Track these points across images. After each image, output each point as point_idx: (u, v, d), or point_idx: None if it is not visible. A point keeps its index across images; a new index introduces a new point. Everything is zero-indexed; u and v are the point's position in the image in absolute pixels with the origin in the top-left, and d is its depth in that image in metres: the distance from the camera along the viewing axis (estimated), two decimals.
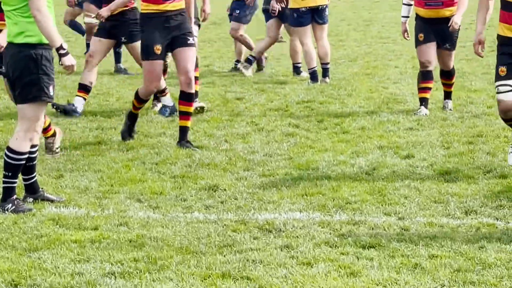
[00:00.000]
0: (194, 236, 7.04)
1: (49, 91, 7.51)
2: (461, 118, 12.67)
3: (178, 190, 8.91)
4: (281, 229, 7.27)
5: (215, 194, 8.52)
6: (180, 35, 10.58)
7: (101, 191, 8.72)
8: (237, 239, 7.01)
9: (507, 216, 7.36)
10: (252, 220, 7.69)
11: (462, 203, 8.32)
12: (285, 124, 12.05)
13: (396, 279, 5.53)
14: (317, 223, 7.44)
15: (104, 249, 6.30)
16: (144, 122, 12.31)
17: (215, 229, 7.31)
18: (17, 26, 7.41)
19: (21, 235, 6.74)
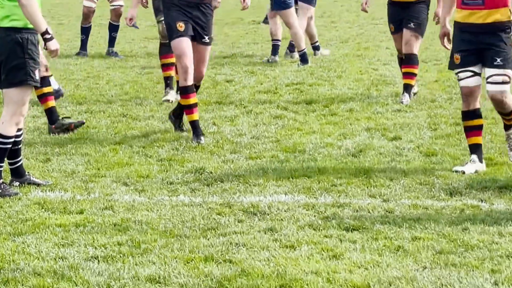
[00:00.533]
0: (178, 220, 7.13)
1: (35, 75, 7.61)
2: (450, 100, 12.80)
3: (164, 173, 9.01)
4: (266, 212, 7.36)
5: (201, 177, 8.60)
6: (199, 30, 10.55)
7: (88, 175, 8.82)
8: (221, 222, 7.11)
9: (491, 198, 7.47)
10: (237, 203, 7.79)
11: (447, 185, 8.43)
12: (273, 107, 12.18)
13: (378, 262, 5.61)
14: (302, 205, 7.53)
15: (88, 233, 6.38)
16: (133, 105, 12.45)
17: (200, 212, 7.40)
18: (3, 10, 7.46)
19: (6, 219, 6.84)
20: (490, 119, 11.08)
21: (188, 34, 10.30)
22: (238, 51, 18.92)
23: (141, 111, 12.04)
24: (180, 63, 10.59)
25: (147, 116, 11.87)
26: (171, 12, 10.46)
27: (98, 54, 17.42)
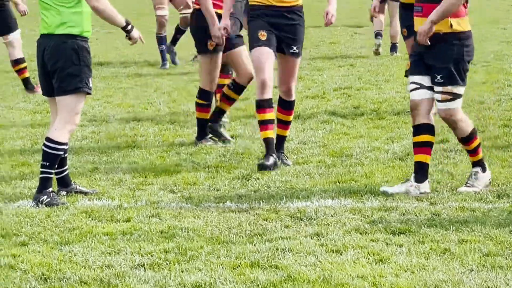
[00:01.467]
0: (225, 226, 7.21)
1: (89, 83, 7.79)
2: (498, 102, 12.77)
3: (211, 180, 9.08)
4: (312, 217, 7.43)
5: (248, 183, 8.69)
6: (286, 40, 9.93)
7: (135, 183, 8.97)
8: (268, 228, 7.18)
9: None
10: (284, 209, 7.85)
11: (495, 186, 8.41)
12: (321, 112, 12.26)
13: (424, 265, 5.61)
14: (349, 210, 7.61)
15: (135, 241, 6.49)
16: (180, 112, 12.69)
17: (246, 218, 7.47)
18: (59, 16, 7.62)
19: (53, 229, 6.98)
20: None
21: (271, 44, 9.70)
22: None
23: (189, 119, 12.25)
24: (257, 76, 10.15)
25: (194, 123, 11.76)
26: (254, 22, 9.97)
27: (146, 63, 17.56)
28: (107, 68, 15.45)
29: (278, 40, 9.64)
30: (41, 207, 7.65)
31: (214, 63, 10.64)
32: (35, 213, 7.54)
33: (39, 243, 6.49)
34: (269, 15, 9.60)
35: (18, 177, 9.72)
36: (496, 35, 15.52)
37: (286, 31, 9.70)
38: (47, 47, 7.85)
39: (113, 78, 15.66)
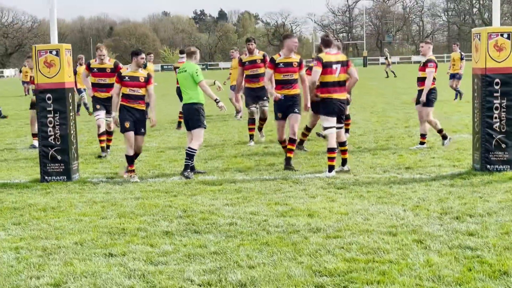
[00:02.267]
0: (263, 187, 11.66)
1: (205, 124, 13.35)
2: None
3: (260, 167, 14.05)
4: (302, 182, 12.02)
5: (275, 169, 13.47)
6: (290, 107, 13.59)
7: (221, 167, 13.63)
8: (282, 187, 11.73)
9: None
10: (290, 179, 12.62)
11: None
12: None
13: (353, 202, 9.94)
14: (319, 178, 12.31)
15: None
16: None
17: (272, 183, 11.98)
18: (188, 94, 13.24)
19: (193, 184, 11.67)
20: None
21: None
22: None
23: None
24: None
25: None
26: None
27: None
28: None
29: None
30: (185, 179, 12.44)
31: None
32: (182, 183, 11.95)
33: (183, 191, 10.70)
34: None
35: (171, 168, 14.24)
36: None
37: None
38: (186, 110, 13.45)
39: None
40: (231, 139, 19.07)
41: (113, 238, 8.41)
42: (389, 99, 33.46)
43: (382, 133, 19.21)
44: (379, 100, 33.68)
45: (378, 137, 18.16)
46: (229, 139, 19.08)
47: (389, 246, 7.62)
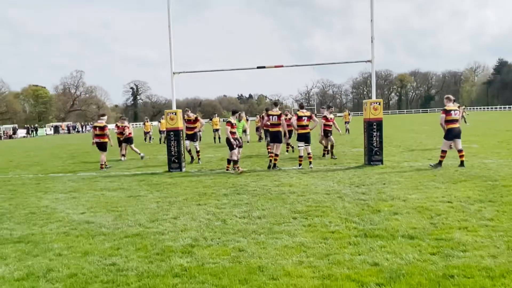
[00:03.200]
0: (269, 174, 11.45)
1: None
2: None
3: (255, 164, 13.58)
4: (301, 171, 11.93)
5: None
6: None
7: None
8: (280, 173, 11.24)
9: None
10: (288, 170, 12.19)
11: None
12: None
13: (330, 176, 10.08)
14: (300, 169, 12.23)
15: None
16: None
17: (274, 172, 11.65)
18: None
19: (231, 176, 11.93)
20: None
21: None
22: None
23: None
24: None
25: None
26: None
27: None
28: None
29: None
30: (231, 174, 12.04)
31: None
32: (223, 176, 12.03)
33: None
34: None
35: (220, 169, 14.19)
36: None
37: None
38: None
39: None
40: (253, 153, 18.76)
41: (200, 196, 8.49)
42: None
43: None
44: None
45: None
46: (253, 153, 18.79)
47: (326, 199, 7.70)
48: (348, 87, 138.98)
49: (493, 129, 25.81)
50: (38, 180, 12.15)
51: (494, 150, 14.12)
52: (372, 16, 12.12)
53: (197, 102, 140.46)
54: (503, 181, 8.50)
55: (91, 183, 10.95)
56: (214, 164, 14.30)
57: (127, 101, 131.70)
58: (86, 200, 8.64)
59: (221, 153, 18.42)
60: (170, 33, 12.94)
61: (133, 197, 8.68)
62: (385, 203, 7.02)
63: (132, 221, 6.63)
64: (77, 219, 6.95)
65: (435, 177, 9.49)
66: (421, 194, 7.64)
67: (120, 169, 14.10)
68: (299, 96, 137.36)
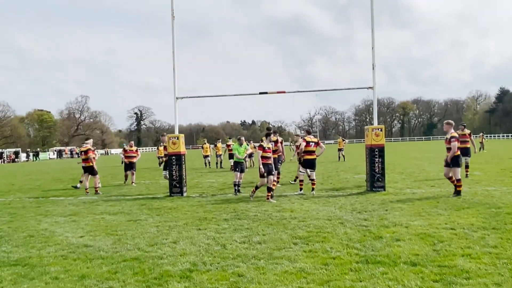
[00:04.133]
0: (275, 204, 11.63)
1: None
2: None
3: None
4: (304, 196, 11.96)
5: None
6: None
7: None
8: (283, 197, 11.27)
9: None
10: (288, 195, 12.26)
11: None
12: None
13: (328, 203, 10.31)
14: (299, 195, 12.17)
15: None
16: None
17: (277, 194, 11.87)
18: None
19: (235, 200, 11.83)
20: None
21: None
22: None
23: None
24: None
25: None
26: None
27: None
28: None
29: None
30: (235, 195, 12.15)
31: None
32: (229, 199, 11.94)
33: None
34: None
35: (230, 190, 14.15)
36: None
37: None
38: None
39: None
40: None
41: (200, 221, 8.44)
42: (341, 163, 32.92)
43: (335, 177, 18.80)
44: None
45: (332, 178, 17.77)
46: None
47: (327, 225, 7.62)
48: (350, 114, 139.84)
49: (496, 157, 25.70)
50: (38, 203, 12.13)
51: (498, 178, 14.02)
52: (373, 44, 12.30)
53: (200, 127, 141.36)
54: (506, 209, 8.42)
55: (92, 207, 10.90)
56: (216, 189, 14.20)
57: (131, 126, 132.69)
58: (85, 223, 8.58)
59: (223, 178, 18.36)
60: (174, 59, 13.14)
61: (133, 221, 8.62)
62: (387, 229, 6.94)
63: (131, 245, 6.56)
64: (76, 242, 6.89)
65: (438, 203, 9.41)
66: (423, 221, 7.56)
67: (122, 193, 14.03)
68: (302, 122, 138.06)
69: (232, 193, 12.37)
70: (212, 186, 14.99)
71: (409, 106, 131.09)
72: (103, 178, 20.57)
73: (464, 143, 14.22)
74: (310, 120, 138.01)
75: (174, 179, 12.92)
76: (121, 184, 17.16)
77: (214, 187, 14.86)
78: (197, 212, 9.39)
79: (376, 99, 12.55)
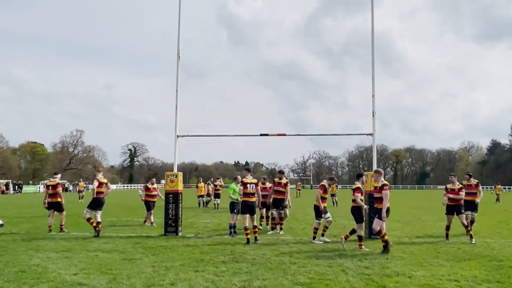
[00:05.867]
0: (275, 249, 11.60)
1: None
2: None
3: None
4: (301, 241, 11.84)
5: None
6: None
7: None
8: (282, 240, 11.27)
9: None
10: (287, 241, 12.08)
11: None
12: None
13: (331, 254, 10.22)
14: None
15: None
16: None
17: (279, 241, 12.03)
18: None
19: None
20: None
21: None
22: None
23: None
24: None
25: None
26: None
27: None
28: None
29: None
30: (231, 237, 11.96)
31: None
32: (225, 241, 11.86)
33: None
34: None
35: (226, 231, 13.97)
36: None
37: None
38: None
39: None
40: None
41: (197, 262, 8.29)
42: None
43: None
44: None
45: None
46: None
47: (328, 271, 7.48)
48: (344, 160, 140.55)
49: (491, 209, 25.71)
50: (29, 237, 11.82)
51: (495, 230, 13.98)
52: (373, 92, 12.55)
53: (193, 166, 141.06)
54: (508, 262, 8.34)
55: (84, 243, 10.65)
56: (211, 230, 14.00)
57: (124, 162, 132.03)
58: (79, 260, 8.35)
59: (218, 219, 18.14)
60: (177, 98, 13.30)
61: (128, 260, 8.42)
62: (390, 279, 6.80)
63: (127, 285, 6.37)
64: (69, 280, 6.67)
65: (439, 254, 9.31)
66: (426, 271, 7.44)
67: (115, 230, 13.78)
68: (296, 166, 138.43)
69: (228, 235, 12.16)
70: (207, 227, 14.77)
71: (402, 154, 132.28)
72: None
73: (470, 195, 12.45)
74: (304, 164, 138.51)
75: (169, 218, 12.74)
76: (113, 221, 16.84)
77: (209, 227, 14.64)
78: (194, 253, 9.21)
79: (375, 145, 12.65)
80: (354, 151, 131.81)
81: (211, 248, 10.04)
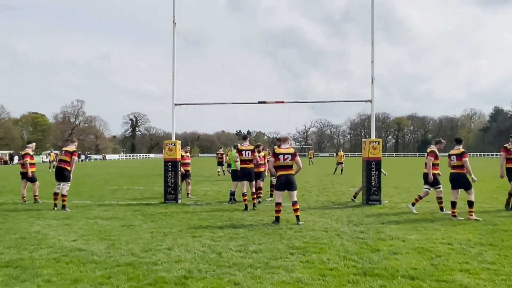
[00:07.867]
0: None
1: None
2: None
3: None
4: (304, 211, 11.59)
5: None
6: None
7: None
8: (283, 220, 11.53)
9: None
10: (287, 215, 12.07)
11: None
12: None
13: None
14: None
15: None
16: None
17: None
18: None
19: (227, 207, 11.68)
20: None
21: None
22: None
23: None
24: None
25: None
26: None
27: None
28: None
29: None
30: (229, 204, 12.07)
31: None
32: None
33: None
34: None
35: (225, 197, 13.93)
36: None
37: None
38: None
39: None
40: None
41: (195, 228, 8.36)
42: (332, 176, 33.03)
43: (331, 189, 18.83)
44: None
45: (327, 190, 17.76)
46: None
47: (323, 236, 7.57)
48: (345, 128, 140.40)
49: (490, 175, 25.80)
50: (30, 205, 11.94)
51: (493, 195, 14.06)
52: (372, 57, 12.38)
53: (195, 136, 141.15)
54: (503, 226, 8.42)
55: (85, 211, 10.79)
56: (211, 197, 14.13)
57: (126, 132, 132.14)
58: (78, 227, 8.48)
59: (217, 186, 18.27)
60: (173, 65, 13.14)
61: (127, 226, 8.53)
62: (384, 243, 6.90)
63: (125, 250, 6.47)
64: (69, 246, 6.78)
65: (434, 218, 9.41)
66: (420, 235, 7.53)
67: (115, 198, 13.92)
68: (297, 134, 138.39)
69: (227, 202, 12.28)
70: (206, 194, 14.91)
71: (404, 121, 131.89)
72: (96, 183, 20.42)
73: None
74: (306, 133, 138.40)
75: (169, 186, 12.84)
76: (115, 189, 16.99)
77: (208, 195, 14.77)
78: (192, 220, 9.29)
79: (374, 112, 12.60)
80: (356, 119, 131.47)
81: (210, 214, 10.16)
